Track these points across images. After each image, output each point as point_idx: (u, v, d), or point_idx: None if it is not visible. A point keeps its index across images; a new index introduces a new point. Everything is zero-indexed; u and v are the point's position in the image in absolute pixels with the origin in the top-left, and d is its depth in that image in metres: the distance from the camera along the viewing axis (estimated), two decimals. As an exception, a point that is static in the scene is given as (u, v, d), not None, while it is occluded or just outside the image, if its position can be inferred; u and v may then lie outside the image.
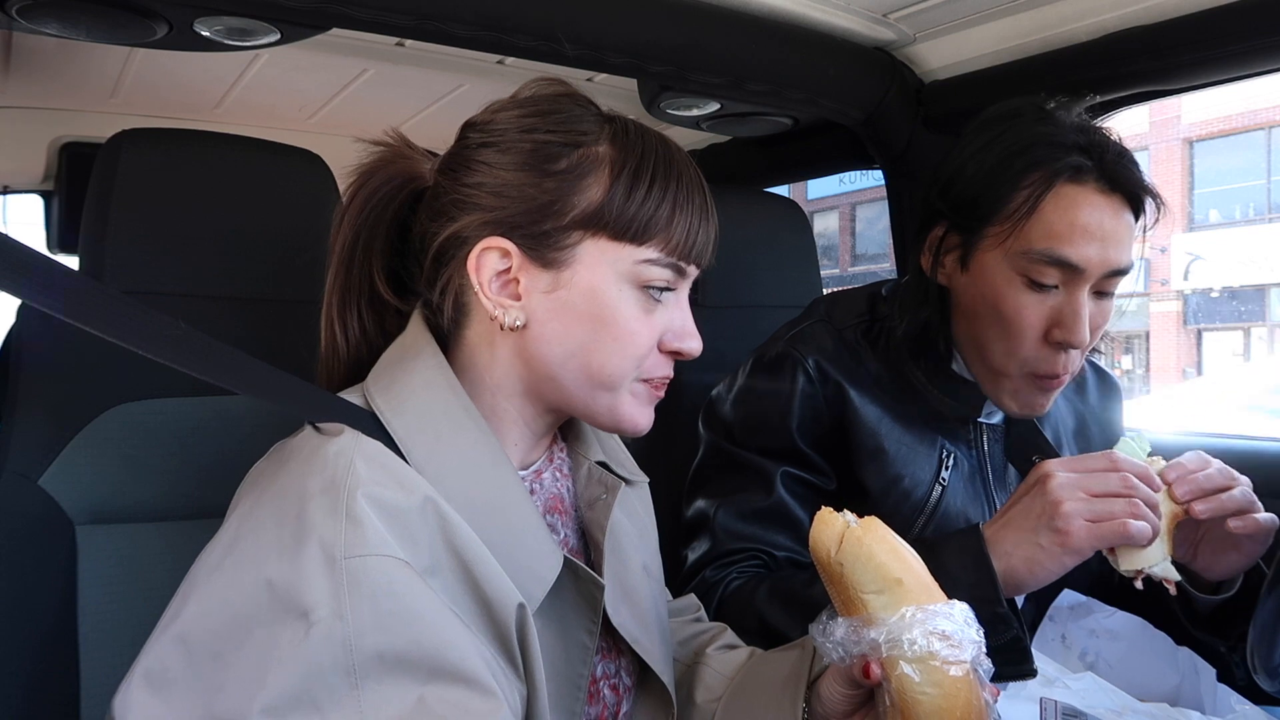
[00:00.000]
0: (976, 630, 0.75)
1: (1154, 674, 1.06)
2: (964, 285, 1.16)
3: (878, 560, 0.76)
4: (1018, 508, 0.94)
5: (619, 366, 0.82)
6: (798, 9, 1.48)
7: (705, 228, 0.83)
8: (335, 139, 2.11)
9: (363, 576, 0.67)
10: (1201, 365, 17.09)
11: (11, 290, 0.70)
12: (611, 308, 0.81)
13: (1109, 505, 0.90)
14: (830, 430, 1.22)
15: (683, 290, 0.86)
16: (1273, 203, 16.16)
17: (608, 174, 0.80)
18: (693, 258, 0.83)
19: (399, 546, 0.70)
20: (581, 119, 0.83)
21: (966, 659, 0.73)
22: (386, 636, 0.67)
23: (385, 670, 0.66)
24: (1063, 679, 0.99)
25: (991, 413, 1.27)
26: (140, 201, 1.11)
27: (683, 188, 0.82)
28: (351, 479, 0.71)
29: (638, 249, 0.80)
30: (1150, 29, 1.35)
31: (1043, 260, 1.07)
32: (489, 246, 0.81)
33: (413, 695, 0.66)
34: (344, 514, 0.69)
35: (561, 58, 1.40)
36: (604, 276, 0.80)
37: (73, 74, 1.80)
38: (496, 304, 0.82)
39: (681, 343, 0.85)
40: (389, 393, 0.81)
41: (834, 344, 1.25)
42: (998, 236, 1.10)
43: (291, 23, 1.28)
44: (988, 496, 1.25)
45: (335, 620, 0.66)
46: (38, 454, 1.02)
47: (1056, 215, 1.07)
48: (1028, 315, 1.09)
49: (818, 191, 21.21)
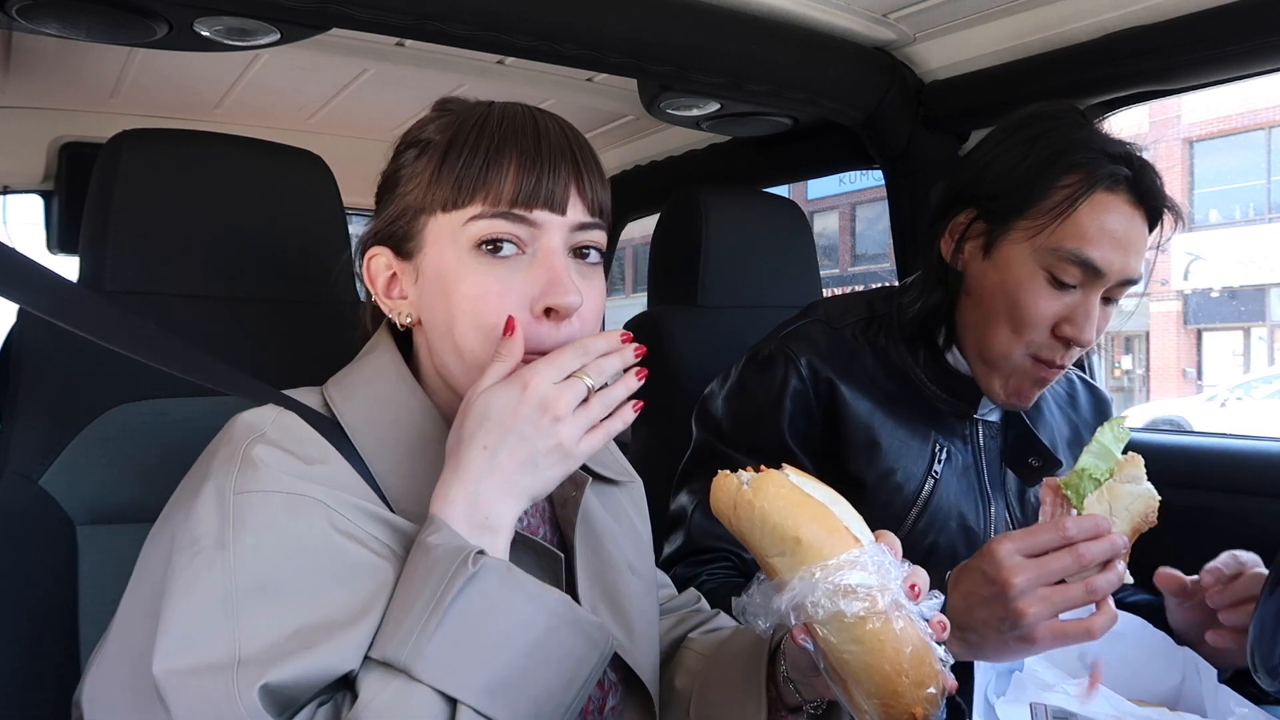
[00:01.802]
0: (893, 572, 0.70)
1: (1154, 675, 1.06)
2: (982, 272, 1.18)
3: (772, 521, 0.71)
4: (981, 611, 0.92)
5: (479, 342, 0.81)
6: (798, 9, 1.48)
7: (536, 170, 0.80)
8: (335, 139, 2.12)
9: (248, 510, 0.71)
10: (1201, 365, 17.10)
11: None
12: (455, 279, 0.81)
13: (1068, 596, 0.91)
14: (822, 428, 1.23)
15: (546, 241, 0.81)
16: (1273, 203, 16.17)
17: (436, 155, 0.84)
18: (528, 202, 0.80)
19: (299, 485, 0.73)
20: (432, 120, 0.88)
21: (881, 607, 0.69)
22: (264, 567, 0.69)
23: (263, 600, 0.68)
24: (1060, 684, 0.98)
25: (989, 410, 1.27)
26: (140, 201, 1.11)
27: (499, 139, 0.81)
28: (256, 437, 0.75)
29: (463, 211, 0.81)
30: (1150, 29, 1.35)
31: (1070, 259, 1.10)
32: (372, 255, 0.88)
33: (289, 626, 0.68)
34: (240, 458, 0.73)
35: (561, 58, 1.40)
36: (444, 250, 0.83)
37: (73, 74, 1.80)
38: (390, 307, 0.87)
39: (553, 299, 0.80)
40: (341, 383, 0.87)
41: (828, 341, 1.27)
42: (1027, 230, 1.13)
43: (291, 23, 1.28)
44: (982, 492, 1.26)
45: (217, 550, 0.69)
46: (38, 454, 1.02)
47: (1090, 219, 1.10)
48: (1044, 309, 1.12)
49: (818, 191, 21.21)
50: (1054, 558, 0.91)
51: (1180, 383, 16.89)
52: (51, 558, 1.01)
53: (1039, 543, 0.91)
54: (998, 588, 0.90)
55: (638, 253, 17.48)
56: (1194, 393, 16.15)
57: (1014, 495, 1.28)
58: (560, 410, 0.76)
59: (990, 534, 1.25)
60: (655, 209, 1.86)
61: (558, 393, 0.76)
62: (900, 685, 0.69)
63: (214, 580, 0.68)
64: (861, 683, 0.70)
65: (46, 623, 1.00)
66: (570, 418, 0.76)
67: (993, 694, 0.97)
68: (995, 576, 0.91)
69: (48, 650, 1.00)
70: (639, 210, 2.48)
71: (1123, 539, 0.93)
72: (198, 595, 0.68)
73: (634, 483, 1.04)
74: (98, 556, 1.02)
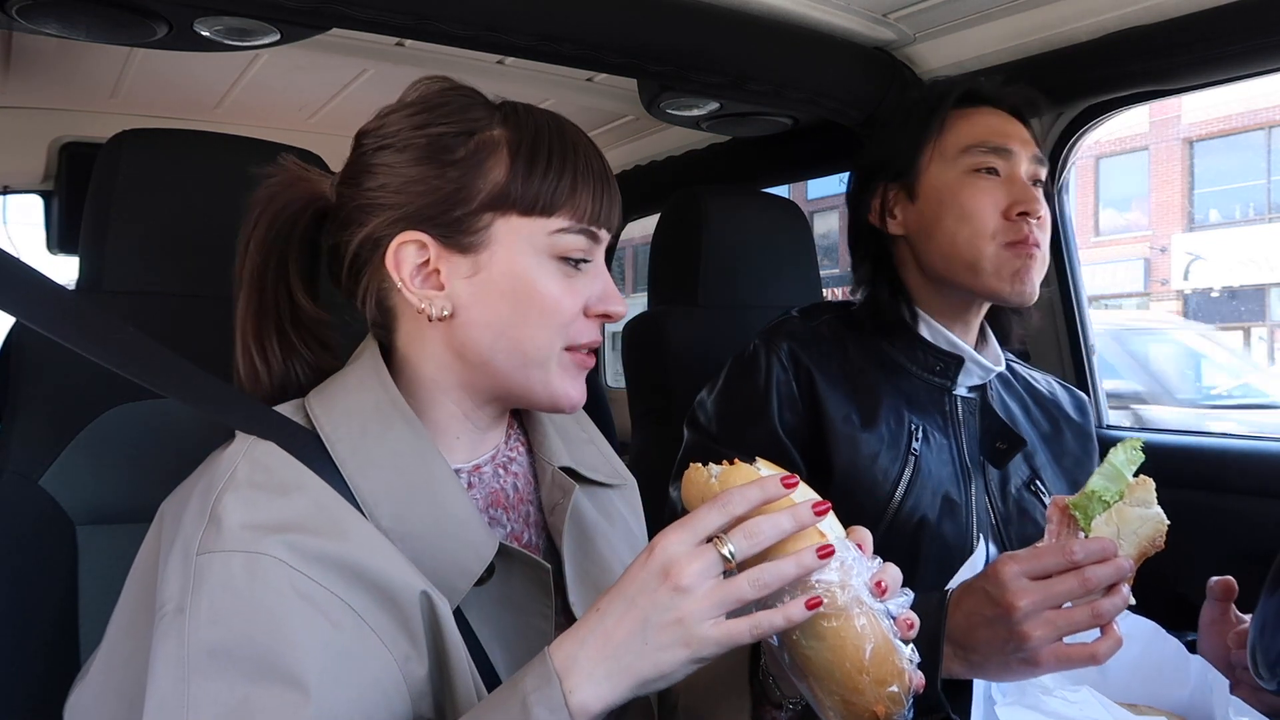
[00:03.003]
0: (856, 568, 0.69)
1: (1164, 683, 1.04)
2: (919, 211, 1.29)
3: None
4: (984, 631, 0.92)
5: (547, 339, 0.84)
6: (798, 9, 1.48)
7: (608, 193, 0.86)
8: (335, 139, 2.11)
9: (207, 571, 0.70)
10: (1201, 365, 17.08)
11: None
12: (533, 281, 0.83)
13: (1073, 620, 0.90)
14: (805, 415, 1.27)
15: (599, 255, 0.88)
16: (1273, 203, 16.16)
17: (506, 154, 0.83)
18: (601, 222, 0.86)
19: (261, 542, 0.71)
20: (470, 108, 0.86)
21: (841, 604, 0.67)
22: (218, 631, 0.68)
23: (214, 666, 0.68)
24: (1060, 689, 0.98)
25: (964, 386, 1.31)
26: (140, 201, 1.11)
27: (580, 158, 0.85)
28: (227, 482, 0.74)
29: (549, 220, 0.83)
30: (1150, 29, 1.35)
31: (981, 149, 1.26)
32: (404, 241, 0.83)
33: (238, 694, 0.67)
34: (208, 514, 0.72)
35: (561, 58, 1.40)
36: (522, 252, 0.83)
37: (73, 74, 1.80)
38: (421, 297, 0.83)
39: (607, 305, 0.87)
40: (323, 394, 0.85)
41: (804, 332, 1.32)
42: (932, 155, 1.28)
43: (291, 23, 1.28)
44: (962, 466, 1.29)
45: (177, 614, 0.69)
46: (38, 454, 1.02)
47: (968, 117, 1.29)
48: (987, 200, 1.24)
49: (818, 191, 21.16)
50: (1059, 581, 0.90)
51: (1180, 383, 16.87)
52: (51, 558, 1.01)
53: (1044, 565, 0.91)
54: (1002, 609, 0.90)
55: (638, 253, 17.47)
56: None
57: (993, 471, 1.31)
58: (684, 579, 0.66)
59: (973, 508, 1.28)
60: (655, 209, 1.86)
61: (686, 558, 0.67)
62: (861, 683, 0.68)
63: (170, 647, 0.69)
64: (823, 680, 0.70)
65: (46, 623, 1.00)
66: (700, 591, 0.67)
67: (996, 692, 0.97)
68: (999, 598, 0.90)
69: (47, 650, 1.00)
70: (639, 210, 2.48)
71: (1128, 562, 0.92)
72: (159, 663, 0.70)
73: (626, 484, 1.04)
74: (98, 556, 1.02)
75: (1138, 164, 16.98)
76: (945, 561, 1.18)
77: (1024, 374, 1.45)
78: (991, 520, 1.27)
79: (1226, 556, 1.41)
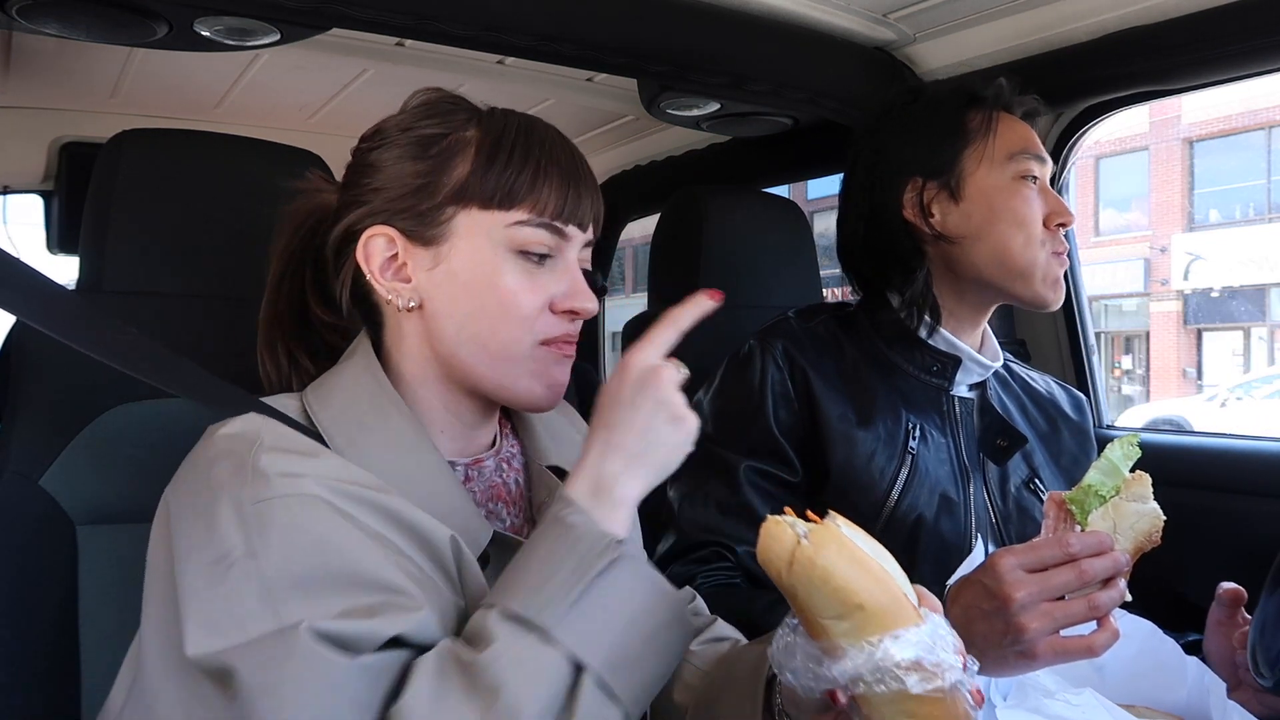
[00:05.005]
0: (953, 647, 0.68)
1: (1161, 684, 1.04)
2: (965, 214, 1.27)
3: (834, 584, 0.66)
4: (981, 624, 0.92)
5: (509, 333, 0.85)
6: (798, 9, 1.48)
7: (576, 189, 0.87)
8: (335, 139, 2.11)
9: (269, 518, 0.72)
10: (1201, 365, 17.10)
11: None
12: (490, 274, 0.84)
13: (1069, 612, 0.91)
14: (800, 414, 1.26)
15: (569, 252, 0.88)
16: (1273, 203, 16.17)
17: (473, 151, 0.85)
18: (567, 218, 0.86)
19: (313, 488, 0.74)
20: (454, 112, 0.88)
21: (945, 684, 0.66)
22: (300, 565, 0.70)
23: (303, 593, 0.69)
24: (1062, 692, 0.98)
25: (962, 380, 1.31)
26: (140, 201, 1.11)
27: (545, 154, 0.86)
28: (256, 443, 0.76)
29: (507, 214, 0.84)
30: (1150, 29, 1.36)
31: (1024, 156, 1.26)
32: (373, 234, 0.86)
33: (335, 608, 0.69)
34: (249, 470, 0.74)
35: (561, 58, 1.40)
36: (480, 245, 0.84)
37: (73, 74, 1.80)
38: (389, 289, 0.86)
39: (573, 302, 0.87)
40: (319, 389, 0.87)
41: (799, 332, 1.32)
42: (975, 157, 1.27)
43: (291, 23, 1.28)
44: (960, 466, 1.29)
45: (249, 559, 0.70)
46: (38, 454, 1.02)
47: (1009, 127, 1.28)
48: (1033, 208, 1.26)
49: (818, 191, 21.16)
50: (1056, 573, 0.90)
51: (1180, 383, 16.89)
52: (51, 557, 1.01)
53: (1041, 558, 0.91)
54: (999, 602, 0.90)
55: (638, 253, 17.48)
56: (1194, 393, 16.15)
57: (992, 470, 1.31)
58: (677, 406, 0.82)
59: (971, 507, 1.28)
60: (655, 209, 1.86)
61: (664, 373, 0.83)
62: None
63: (252, 588, 0.69)
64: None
65: (46, 623, 1.00)
66: (682, 404, 0.83)
67: (997, 694, 0.97)
68: (996, 591, 0.91)
69: (48, 650, 1.00)
70: (639, 210, 2.48)
71: (1124, 556, 0.92)
72: (240, 607, 0.69)
73: None
74: (98, 556, 1.02)
75: (1138, 164, 17.01)
76: (943, 560, 1.19)
77: (1021, 374, 1.45)
78: (990, 519, 1.28)
79: (1226, 556, 1.41)
